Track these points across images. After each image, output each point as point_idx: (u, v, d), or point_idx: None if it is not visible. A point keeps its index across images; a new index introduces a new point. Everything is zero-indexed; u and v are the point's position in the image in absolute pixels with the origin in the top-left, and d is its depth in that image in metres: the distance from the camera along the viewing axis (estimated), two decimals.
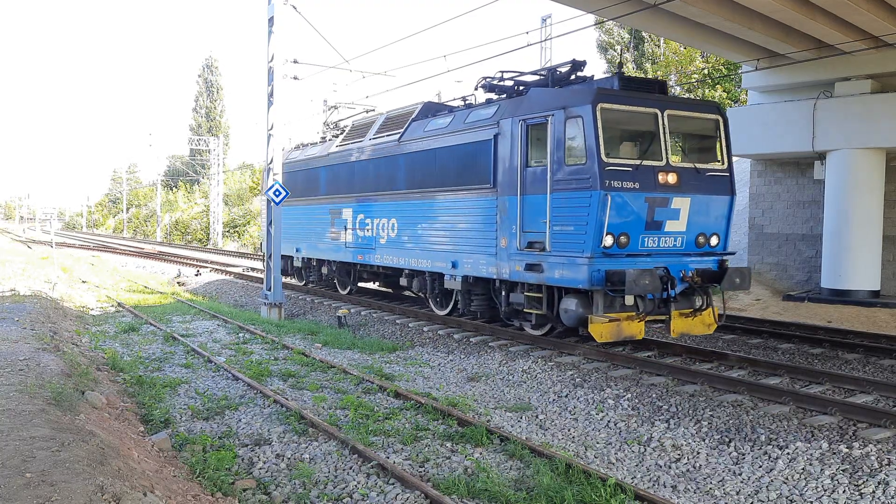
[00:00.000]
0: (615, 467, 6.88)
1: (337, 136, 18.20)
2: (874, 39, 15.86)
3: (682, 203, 10.20)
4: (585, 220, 9.76)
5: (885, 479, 6.07)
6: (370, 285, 19.62)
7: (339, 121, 19.74)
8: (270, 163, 17.29)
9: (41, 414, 6.05)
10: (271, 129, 17.22)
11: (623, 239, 9.87)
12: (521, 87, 12.28)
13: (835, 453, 6.64)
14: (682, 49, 32.34)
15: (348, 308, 16.47)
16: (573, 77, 11.52)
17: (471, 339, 12.46)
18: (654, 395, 8.79)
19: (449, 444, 7.08)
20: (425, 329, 13.66)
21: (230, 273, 26.84)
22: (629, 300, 10.27)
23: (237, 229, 53.73)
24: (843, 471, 6.32)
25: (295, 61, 19.40)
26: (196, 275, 27.09)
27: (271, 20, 16.84)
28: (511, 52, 26.67)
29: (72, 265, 28.96)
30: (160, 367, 10.68)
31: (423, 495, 5.76)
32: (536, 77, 12.26)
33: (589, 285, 9.77)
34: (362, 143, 15.96)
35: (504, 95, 12.53)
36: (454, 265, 12.60)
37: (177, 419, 7.94)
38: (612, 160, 9.76)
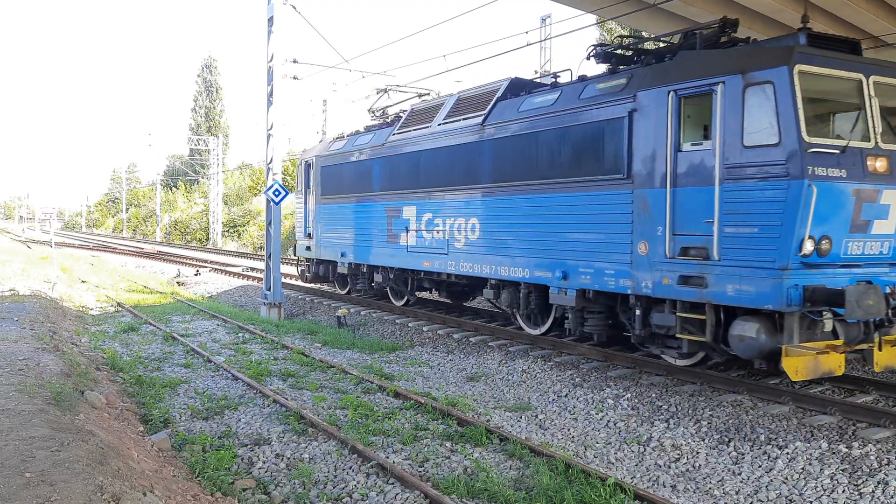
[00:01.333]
0: (615, 467, 6.88)
1: (390, 124, 15.73)
2: (874, 39, 15.87)
3: (893, 197, 7.97)
4: (778, 220, 7.58)
5: (884, 478, 6.07)
6: (425, 294, 16.86)
7: (388, 107, 17.14)
8: (270, 162, 17.30)
9: (41, 414, 6.05)
10: (271, 128, 17.23)
11: (824, 244, 7.69)
12: (641, 56, 10.30)
13: (834, 453, 6.65)
14: None
15: (348, 308, 16.47)
16: (724, 40, 9.35)
17: (470, 339, 12.46)
18: (653, 395, 8.80)
19: (448, 444, 7.08)
20: (425, 329, 13.66)
21: (230, 273, 26.85)
22: (829, 325, 8.02)
23: (237, 229, 53.71)
24: (842, 470, 6.32)
25: (294, 61, 19.43)
26: (195, 274, 27.09)
27: (271, 20, 16.85)
28: (510, 52, 26.70)
29: (71, 265, 28.96)
30: (160, 366, 10.68)
31: (422, 495, 5.76)
32: (662, 44, 10.24)
33: (784, 305, 7.55)
34: (429, 129, 13.40)
35: (625, 66, 10.34)
36: (565, 275, 10.20)
37: (176, 419, 7.95)
38: (814, 140, 7.56)
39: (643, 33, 16.09)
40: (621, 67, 10.22)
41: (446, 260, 12.88)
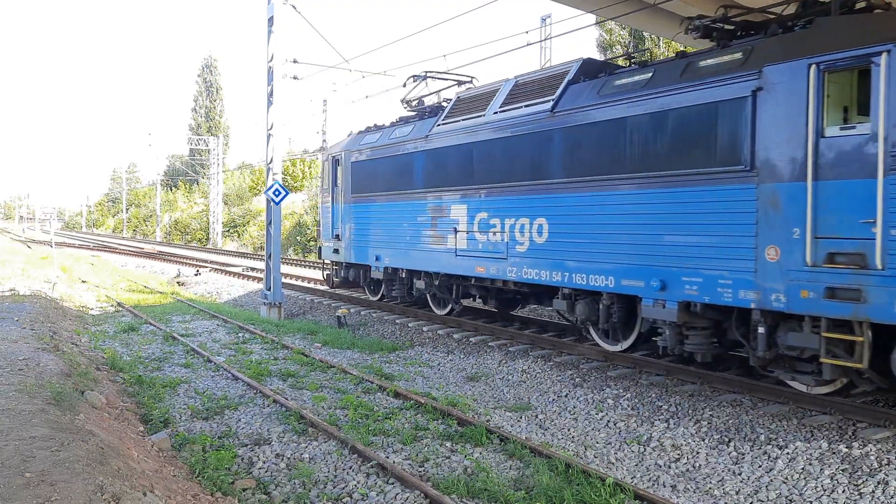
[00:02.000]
0: (615, 467, 6.88)
1: (432, 113, 14.11)
2: None
3: None
4: None
5: (884, 478, 6.07)
6: (468, 302, 14.86)
7: (424, 96, 15.46)
8: (270, 162, 17.30)
9: (41, 414, 6.05)
10: (271, 128, 17.24)
11: None
12: (750, 29, 8.93)
13: (834, 453, 6.64)
14: (681, 48, 32.30)
15: (348, 308, 16.47)
16: (861, 5, 7.99)
17: (470, 339, 12.45)
18: (653, 395, 8.80)
19: (448, 444, 7.09)
20: (425, 329, 13.65)
21: (230, 273, 26.85)
22: None
23: (237, 229, 53.74)
24: (842, 470, 6.32)
25: (295, 61, 19.46)
26: (196, 274, 27.11)
27: (271, 20, 16.86)
28: (511, 52, 26.72)
29: (71, 265, 28.97)
30: (160, 366, 10.69)
31: (422, 495, 5.76)
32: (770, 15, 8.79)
33: None
34: (482, 117, 11.86)
35: (726, 39, 8.88)
36: (663, 285, 8.74)
37: (176, 419, 7.95)
38: None
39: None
40: (730, 42, 8.78)
41: (505, 265, 11.31)
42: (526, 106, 10.95)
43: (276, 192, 16.80)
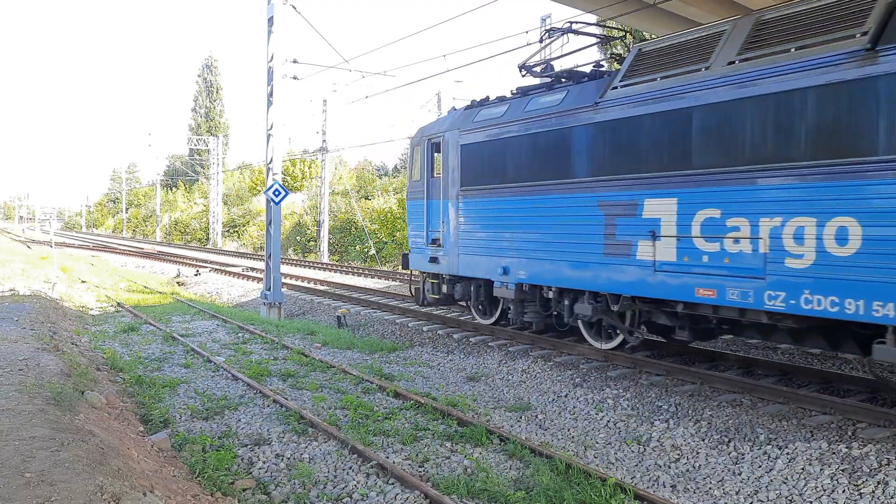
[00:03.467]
0: (615, 467, 6.88)
1: (596, 77, 10.74)
2: None
3: None
4: None
5: (884, 478, 6.07)
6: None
7: (551, 59, 11.98)
8: (270, 162, 17.31)
9: (41, 414, 6.05)
10: (271, 128, 17.25)
11: None
12: None
13: (834, 453, 6.64)
14: None
15: (348, 308, 16.47)
16: None
17: (470, 339, 12.45)
18: (653, 395, 8.80)
19: (448, 444, 7.09)
20: (425, 329, 13.65)
21: (230, 273, 26.86)
22: None
23: (237, 229, 53.76)
24: (842, 471, 6.32)
25: (294, 61, 19.49)
26: (196, 275, 27.13)
27: (271, 20, 16.87)
28: (510, 52, 26.73)
29: (71, 265, 28.97)
30: (160, 366, 10.68)
31: (422, 495, 5.76)
32: None
33: None
34: (704, 71, 8.36)
35: None
36: None
37: (176, 419, 7.95)
38: None
39: None
40: None
41: (761, 287, 7.73)
42: (798, 49, 7.47)
43: (276, 192, 16.81)
